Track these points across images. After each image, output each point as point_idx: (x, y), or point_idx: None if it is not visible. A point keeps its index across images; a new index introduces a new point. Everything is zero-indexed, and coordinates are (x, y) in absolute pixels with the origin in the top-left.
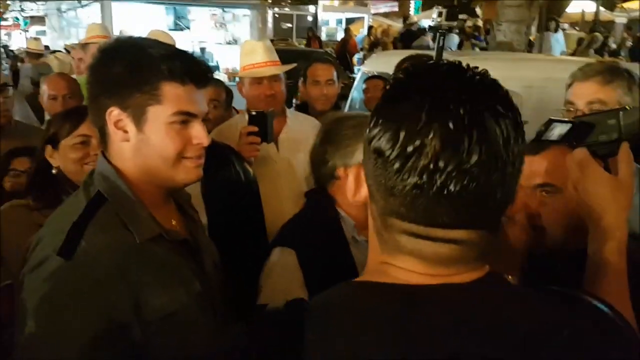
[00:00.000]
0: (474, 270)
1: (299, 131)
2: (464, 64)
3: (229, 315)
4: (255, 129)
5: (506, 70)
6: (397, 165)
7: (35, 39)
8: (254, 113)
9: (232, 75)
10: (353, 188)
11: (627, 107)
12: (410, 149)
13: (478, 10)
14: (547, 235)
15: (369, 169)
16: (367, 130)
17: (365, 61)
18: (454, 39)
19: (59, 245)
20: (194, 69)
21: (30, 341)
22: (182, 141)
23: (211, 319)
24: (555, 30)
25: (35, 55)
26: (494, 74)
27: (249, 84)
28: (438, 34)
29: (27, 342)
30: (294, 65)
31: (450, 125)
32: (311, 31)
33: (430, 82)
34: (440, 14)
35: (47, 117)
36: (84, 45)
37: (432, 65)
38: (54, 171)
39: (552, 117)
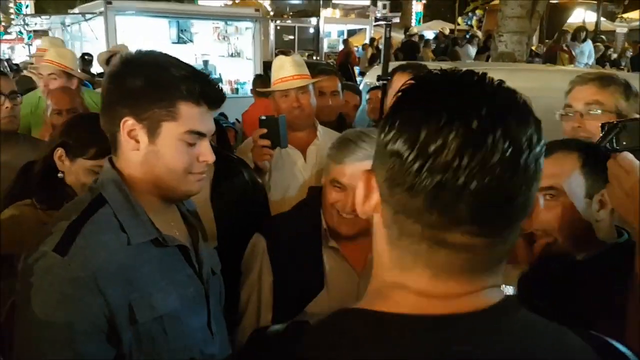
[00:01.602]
0: (486, 288)
1: (328, 145)
2: (478, 72)
3: (222, 323)
4: (265, 131)
5: (507, 81)
6: (417, 164)
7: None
8: (263, 118)
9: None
10: (362, 195)
11: None
12: (432, 147)
13: (474, 22)
14: (550, 239)
15: (382, 174)
16: (381, 136)
17: (367, 72)
18: (469, 49)
19: (57, 242)
20: (209, 92)
21: (26, 332)
22: (189, 157)
23: (205, 324)
24: (584, 40)
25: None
26: None
27: (278, 97)
28: (385, 26)
29: (24, 333)
30: (322, 78)
31: (474, 123)
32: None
33: (448, 87)
34: (384, 6)
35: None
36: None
37: (442, 72)
38: (60, 175)
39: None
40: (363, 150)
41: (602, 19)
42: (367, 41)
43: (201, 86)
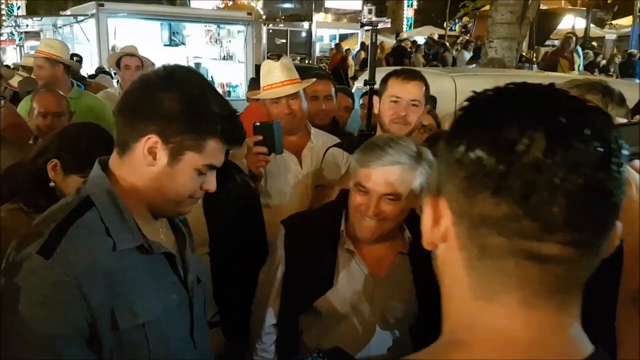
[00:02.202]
0: (577, 316)
1: (322, 149)
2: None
3: (205, 332)
4: (260, 138)
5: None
6: (502, 166)
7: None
8: (258, 124)
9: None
10: (431, 221)
11: None
12: (519, 146)
13: (457, 27)
14: None
15: (456, 186)
16: (448, 151)
17: (359, 77)
18: (448, 58)
19: (41, 244)
20: (238, 136)
21: (9, 334)
22: (197, 185)
23: (187, 332)
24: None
25: (30, 70)
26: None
27: (269, 104)
28: (371, 31)
29: (7, 334)
30: (311, 81)
31: (562, 120)
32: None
33: (521, 94)
34: (370, 11)
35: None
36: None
37: (513, 84)
38: (51, 184)
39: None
40: (389, 156)
41: (592, 25)
42: (357, 46)
43: (234, 128)
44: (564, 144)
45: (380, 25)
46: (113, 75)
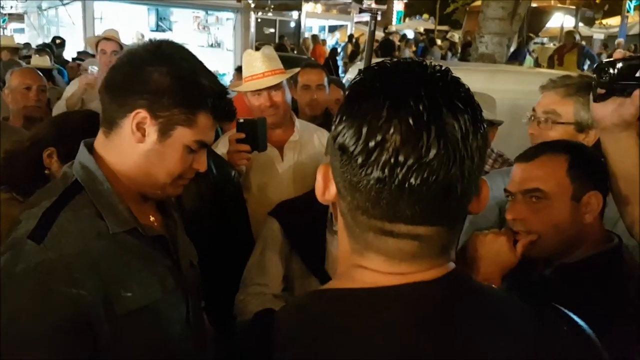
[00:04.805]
0: (437, 267)
1: (308, 142)
2: (426, 62)
3: (201, 317)
4: (243, 136)
5: (485, 81)
6: (360, 160)
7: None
8: (241, 120)
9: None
10: (322, 187)
11: None
12: (372, 144)
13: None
14: (535, 242)
15: (335, 165)
16: (333, 128)
17: (349, 69)
18: (435, 52)
19: (32, 228)
20: (228, 112)
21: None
22: (187, 164)
23: (183, 316)
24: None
25: (14, 51)
26: (473, 84)
27: (250, 95)
28: (370, 17)
29: None
30: (295, 71)
31: (410, 121)
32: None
33: (391, 80)
34: None
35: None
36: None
37: (392, 63)
38: (47, 172)
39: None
40: None
41: (580, 24)
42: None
43: (225, 104)
44: (412, 142)
45: (366, 15)
46: None
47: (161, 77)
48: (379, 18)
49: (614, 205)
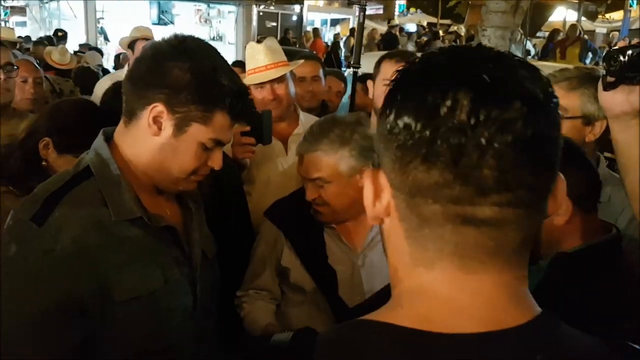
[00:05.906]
0: (520, 285)
1: None
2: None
3: (212, 311)
4: (248, 128)
5: None
6: (429, 130)
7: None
8: None
9: None
10: (372, 196)
11: None
12: (443, 109)
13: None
14: None
15: (391, 157)
16: (383, 121)
17: (349, 62)
18: (438, 46)
19: (34, 211)
20: (246, 112)
21: None
22: (201, 161)
23: (188, 308)
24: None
25: (13, 45)
26: None
27: (254, 88)
28: (359, 10)
29: None
30: (299, 63)
31: (485, 78)
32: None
33: (448, 57)
34: None
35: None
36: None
37: (439, 49)
38: (44, 163)
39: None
40: (307, 143)
41: (583, 18)
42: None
43: (243, 105)
44: (487, 103)
45: (370, 9)
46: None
47: (181, 72)
48: (369, 12)
49: (615, 200)
